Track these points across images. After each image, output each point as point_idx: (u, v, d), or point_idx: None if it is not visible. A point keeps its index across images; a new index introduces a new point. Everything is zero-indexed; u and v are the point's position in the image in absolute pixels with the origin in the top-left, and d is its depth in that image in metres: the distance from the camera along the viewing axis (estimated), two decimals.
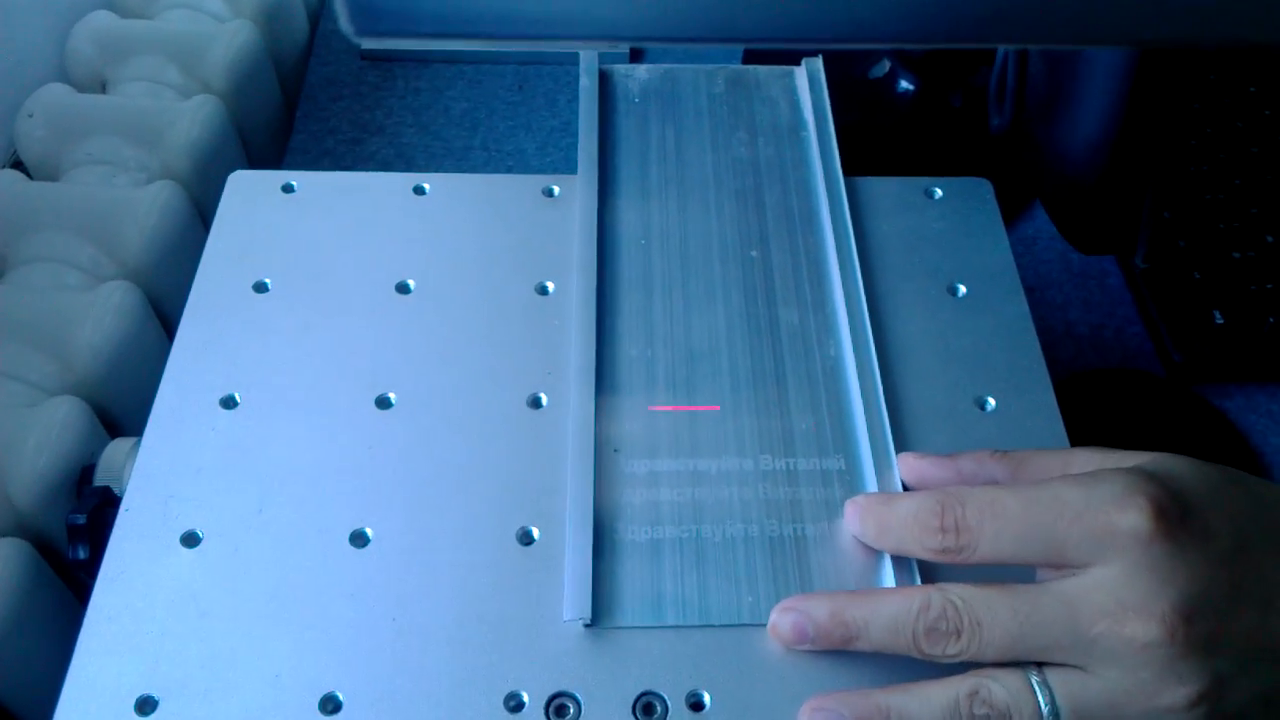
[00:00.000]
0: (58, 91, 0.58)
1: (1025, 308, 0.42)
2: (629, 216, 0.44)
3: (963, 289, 0.42)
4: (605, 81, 0.50)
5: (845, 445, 0.38)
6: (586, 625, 0.33)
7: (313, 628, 0.33)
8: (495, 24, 0.21)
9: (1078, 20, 0.25)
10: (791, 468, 0.37)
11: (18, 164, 0.59)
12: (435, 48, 0.70)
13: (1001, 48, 0.49)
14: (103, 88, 0.62)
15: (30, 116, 0.57)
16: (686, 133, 0.48)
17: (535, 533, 0.35)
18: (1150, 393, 0.53)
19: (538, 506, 0.36)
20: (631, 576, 0.35)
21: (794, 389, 0.39)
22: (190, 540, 0.35)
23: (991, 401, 0.39)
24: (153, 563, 0.35)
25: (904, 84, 0.60)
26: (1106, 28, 0.26)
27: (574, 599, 0.33)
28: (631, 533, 0.36)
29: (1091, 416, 0.51)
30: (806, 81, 0.49)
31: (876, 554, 0.35)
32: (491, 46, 0.68)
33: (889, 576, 0.34)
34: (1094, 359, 0.56)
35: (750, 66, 0.51)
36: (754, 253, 0.43)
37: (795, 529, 0.36)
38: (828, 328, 0.41)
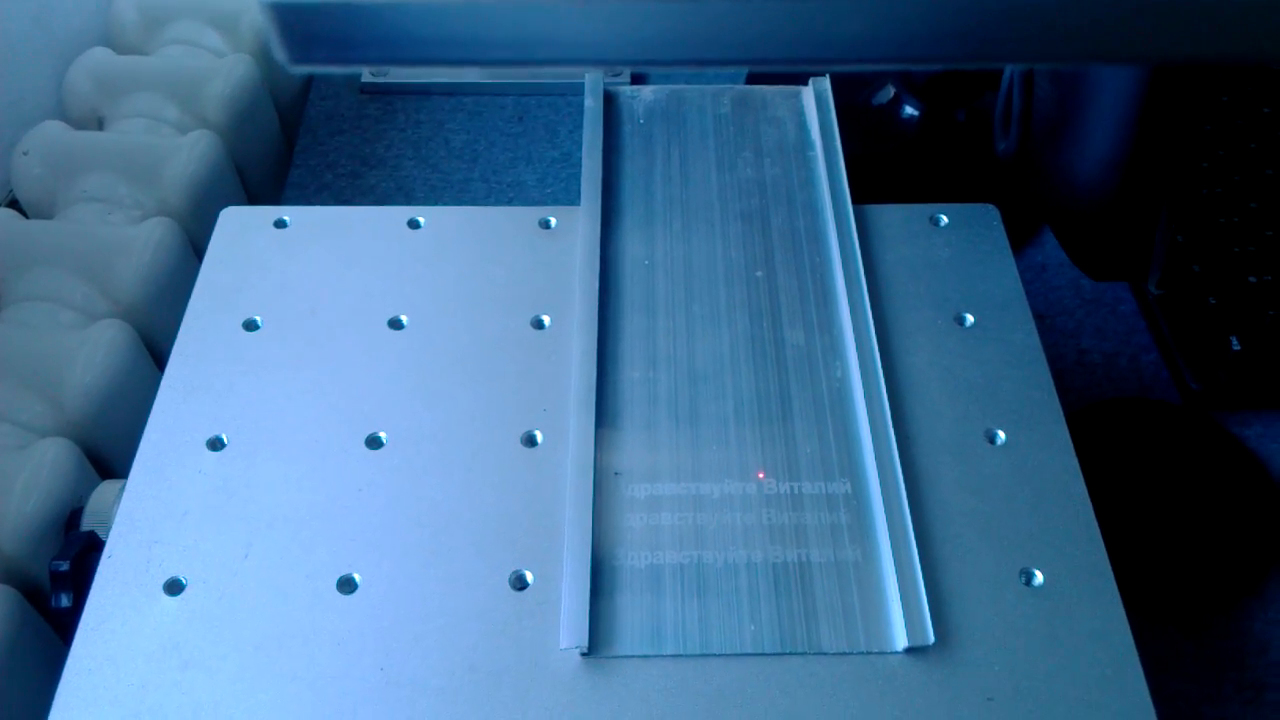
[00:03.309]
0: (53, 129, 0.58)
1: (1035, 337, 0.40)
2: (633, 238, 0.44)
3: (970, 318, 0.41)
4: (610, 103, 0.49)
5: (852, 469, 0.37)
6: (584, 654, 0.32)
7: (299, 679, 0.32)
8: (435, 48, 0.20)
9: (1086, 38, 0.24)
10: (796, 491, 0.36)
11: (14, 203, 0.59)
12: (386, 78, 0.69)
13: (1008, 69, 0.48)
14: (100, 124, 0.61)
15: (25, 154, 0.56)
16: (692, 153, 0.47)
17: (529, 576, 0.34)
18: (1167, 422, 0.51)
19: (532, 549, 0.35)
20: (630, 603, 0.34)
21: (799, 411, 0.38)
22: (173, 588, 0.34)
23: (1001, 435, 0.38)
24: (135, 611, 0.34)
25: (908, 110, 0.59)
26: (1116, 45, 0.25)
27: (571, 626, 0.32)
28: (631, 558, 0.35)
29: (1106, 447, 0.50)
30: (814, 101, 0.48)
31: (884, 581, 0.34)
32: (436, 77, 0.68)
33: (896, 606, 0.33)
34: (1108, 388, 0.54)
35: (757, 87, 0.50)
36: (759, 273, 0.42)
37: (800, 554, 0.35)
38: (834, 349, 0.40)
